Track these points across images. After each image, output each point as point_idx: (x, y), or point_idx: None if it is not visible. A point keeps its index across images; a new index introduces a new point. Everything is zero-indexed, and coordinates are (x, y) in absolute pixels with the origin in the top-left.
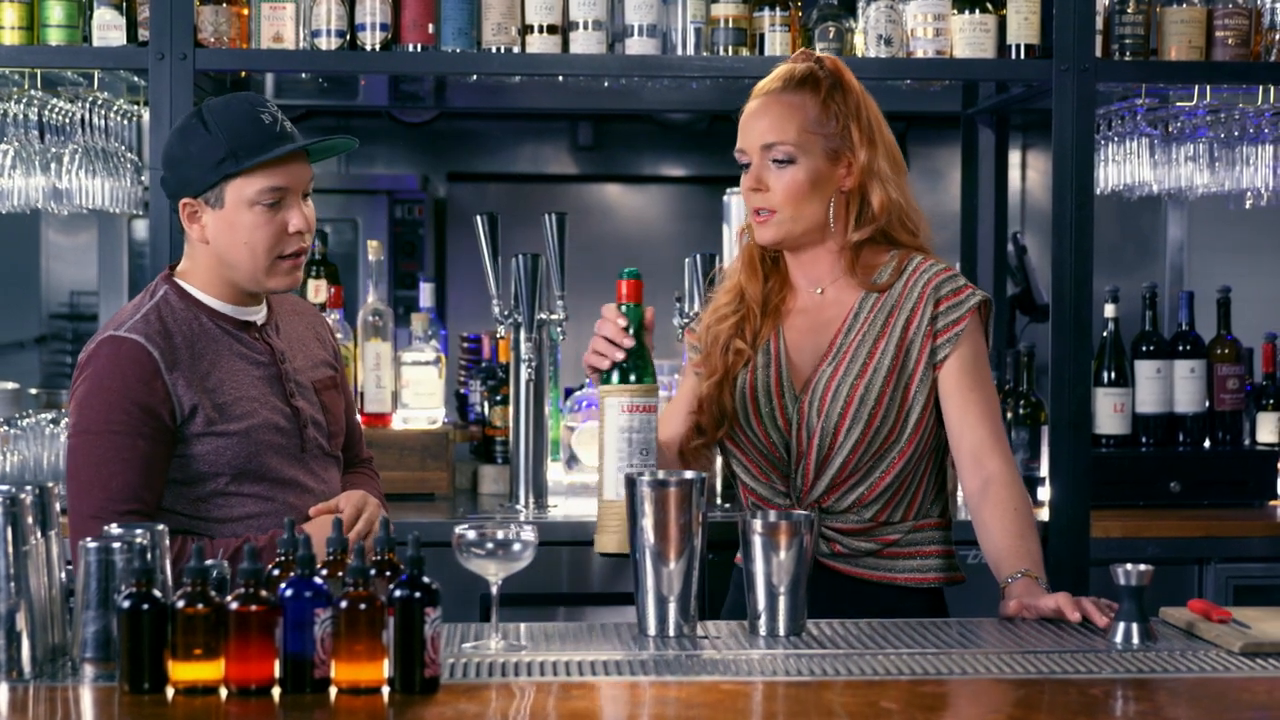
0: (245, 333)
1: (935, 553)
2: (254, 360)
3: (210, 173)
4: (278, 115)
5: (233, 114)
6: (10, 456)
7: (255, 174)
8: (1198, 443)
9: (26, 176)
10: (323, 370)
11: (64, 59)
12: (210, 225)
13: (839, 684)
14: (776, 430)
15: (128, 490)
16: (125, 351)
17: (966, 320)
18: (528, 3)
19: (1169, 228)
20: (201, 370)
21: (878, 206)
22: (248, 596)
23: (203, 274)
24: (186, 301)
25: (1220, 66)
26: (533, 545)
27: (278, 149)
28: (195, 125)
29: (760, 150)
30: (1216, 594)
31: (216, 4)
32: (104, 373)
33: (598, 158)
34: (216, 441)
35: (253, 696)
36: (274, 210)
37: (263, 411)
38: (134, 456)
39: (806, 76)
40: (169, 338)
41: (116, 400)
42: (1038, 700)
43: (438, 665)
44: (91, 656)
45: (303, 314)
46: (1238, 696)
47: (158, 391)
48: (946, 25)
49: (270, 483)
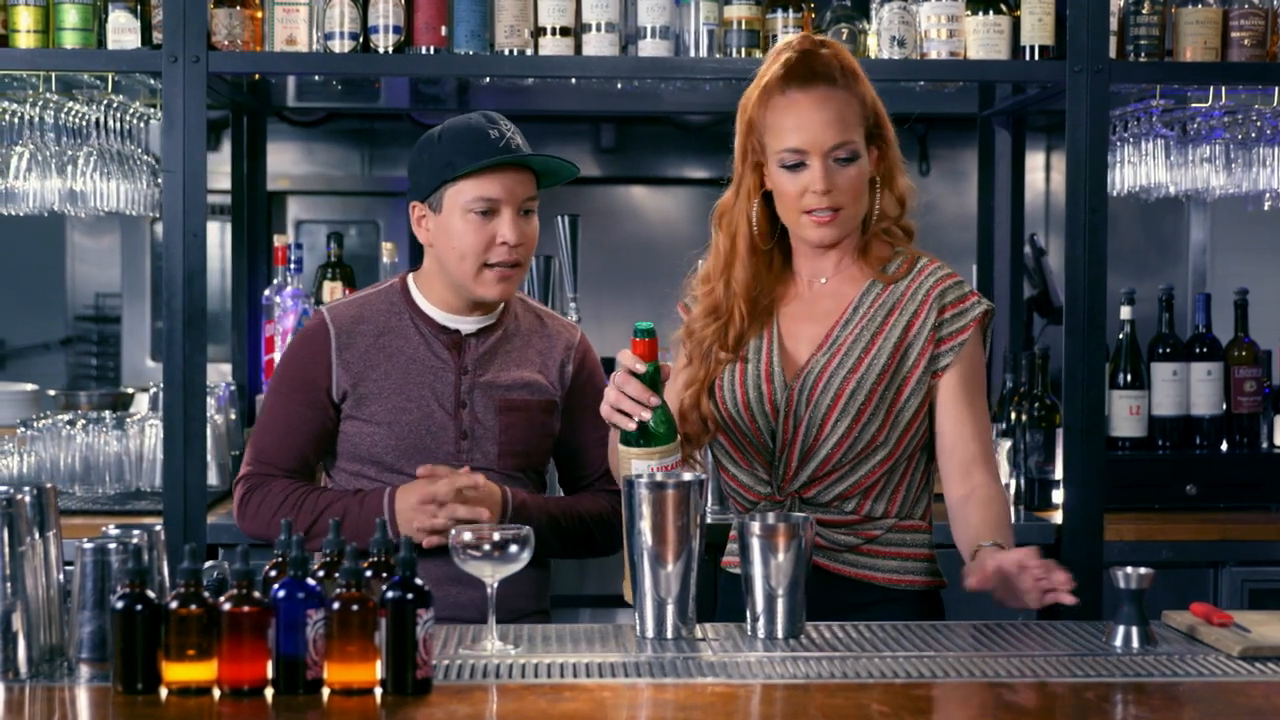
0: (441, 338)
1: (917, 555)
2: (431, 365)
3: (433, 179)
4: (505, 132)
5: (464, 128)
6: (27, 458)
7: (469, 181)
8: (1215, 445)
9: (42, 179)
10: (519, 393)
11: (78, 62)
12: (432, 229)
13: (832, 686)
14: (764, 416)
15: (271, 447)
16: (312, 326)
17: (970, 330)
18: (541, 5)
19: (1191, 230)
20: (372, 360)
21: (900, 190)
22: (240, 598)
23: (429, 277)
24: (403, 298)
25: (1236, 67)
26: (529, 547)
27: (488, 159)
28: (432, 136)
29: (826, 151)
30: (1231, 598)
31: (230, 7)
32: (294, 341)
33: (620, 160)
34: (362, 427)
35: (245, 697)
36: (485, 219)
37: (415, 411)
38: (285, 419)
39: (839, 66)
40: (359, 322)
41: (290, 364)
42: (1031, 704)
43: (430, 666)
44: (87, 657)
45: (548, 338)
46: (1234, 700)
47: (322, 365)
48: (960, 26)
49: (411, 480)
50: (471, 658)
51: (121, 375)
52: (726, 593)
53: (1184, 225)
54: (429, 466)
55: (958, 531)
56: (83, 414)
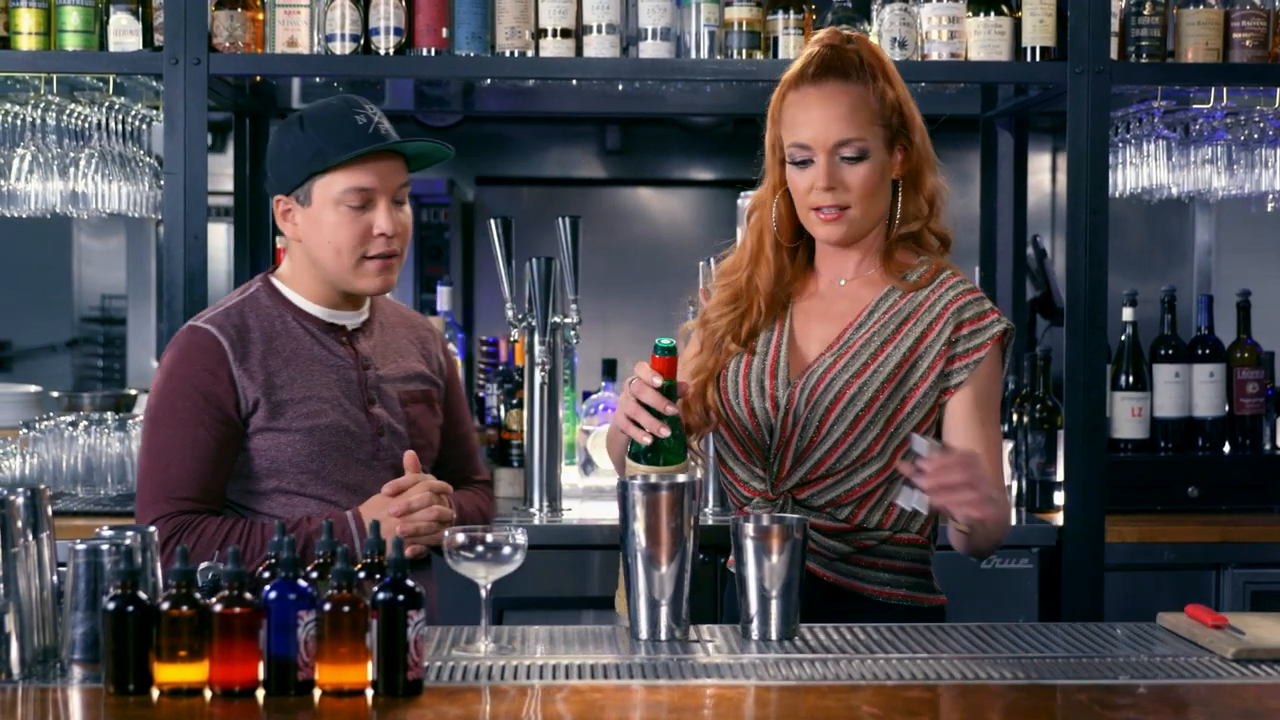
0: (330, 335)
1: (912, 570)
2: (331, 363)
3: (299, 170)
4: (373, 117)
5: (327, 114)
6: (29, 459)
7: (340, 172)
8: (1217, 447)
9: (44, 181)
10: (415, 384)
11: (79, 64)
12: (300, 223)
13: (824, 688)
14: (764, 411)
15: (182, 480)
16: (197, 340)
17: (987, 349)
18: (542, 7)
19: (1197, 231)
20: (272, 366)
21: (929, 192)
22: (232, 599)
23: (298, 274)
24: (275, 300)
25: (1238, 68)
26: (522, 549)
27: (361, 149)
28: (292, 124)
29: (831, 148)
30: (1234, 600)
31: (232, 9)
32: (175, 360)
33: (626, 161)
34: (278, 438)
35: (237, 698)
36: (359, 211)
37: (332, 413)
38: (192, 446)
39: (858, 62)
40: (245, 331)
41: (181, 387)
42: (1022, 705)
43: (421, 668)
44: (80, 658)
45: (414, 328)
46: (1227, 703)
47: (222, 380)
48: (961, 28)
49: (335, 486)
50: (465, 659)
51: (127, 377)
52: (731, 593)
53: (1189, 227)
54: (393, 484)
55: (953, 534)
56: (85, 415)
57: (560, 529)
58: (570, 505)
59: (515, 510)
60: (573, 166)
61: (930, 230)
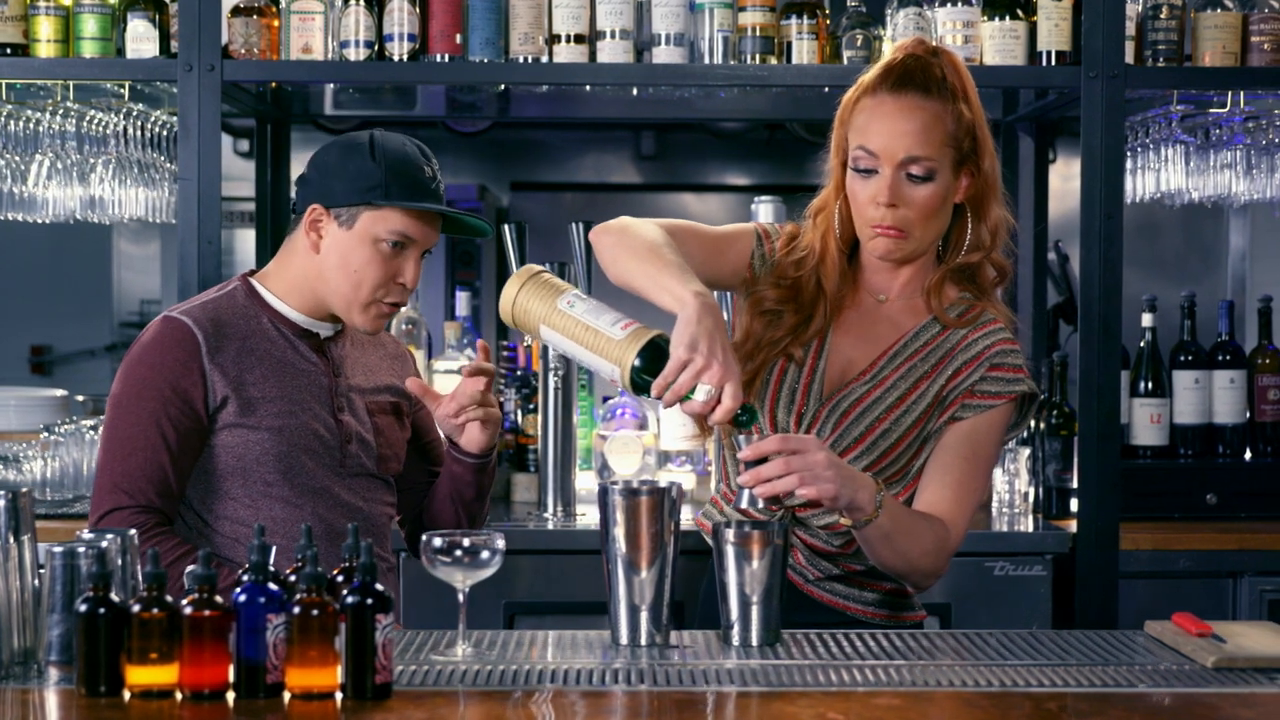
0: (304, 340)
1: (894, 590)
2: (303, 368)
3: (355, 194)
4: (437, 173)
5: (403, 155)
6: (51, 463)
7: (395, 214)
8: (1237, 454)
9: (63, 187)
10: (384, 396)
11: (95, 71)
12: (329, 240)
13: (794, 694)
14: (787, 425)
15: (141, 471)
16: (171, 331)
17: (1003, 402)
18: (555, 12)
19: (1230, 236)
20: (245, 364)
21: (993, 223)
22: (202, 601)
23: (289, 279)
24: (252, 300)
25: (1256, 72)
26: (500, 553)
27: (425, 203)
28: (363, 146)
29: (899, 163)
30: (1250, 608)
31: (247, 16)
32: (147, 348)
33: (660, 167)
34: (247, 435)
35: (206, 701)
36: (394, 253)
37: (301, 416)
38: (156, 437)
39: (940, 77)
40: (220, 326)
41: (151, 376)
42: (995, 714)
43: (389, 672)
44: (56, 659)
45: (384, 344)
46: (1204, 714)
47: (193, 372)
48: (976, 32)
49: (300, 489)
50: (441, 663)
51: None
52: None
53: (1224, 232)
54: (417, 380)
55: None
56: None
57: (573, 533)
58: (584, 510)
59: (530, 515)
60: (607, 172)
61: (991, 261)
